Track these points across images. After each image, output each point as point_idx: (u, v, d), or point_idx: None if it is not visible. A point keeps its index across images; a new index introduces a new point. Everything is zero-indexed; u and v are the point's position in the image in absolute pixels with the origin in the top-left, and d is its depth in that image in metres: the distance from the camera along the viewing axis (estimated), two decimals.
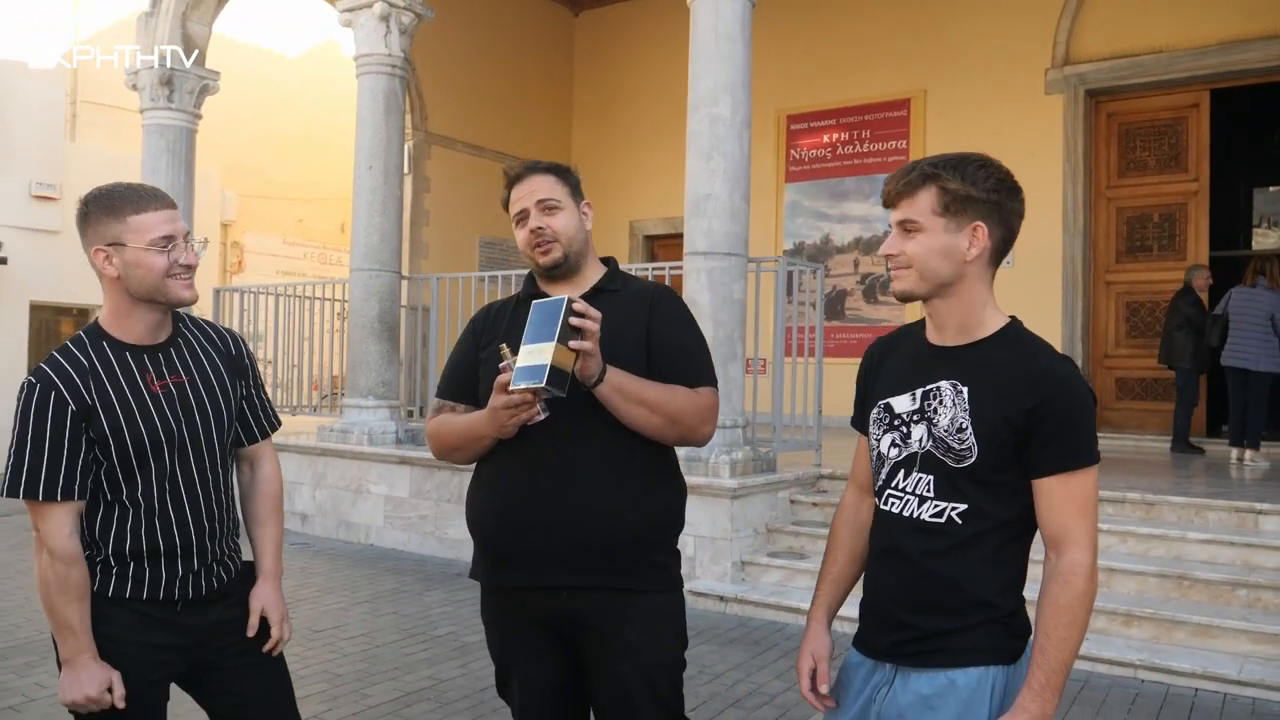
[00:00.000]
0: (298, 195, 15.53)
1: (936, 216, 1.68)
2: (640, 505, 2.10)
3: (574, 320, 1.90)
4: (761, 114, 11.29)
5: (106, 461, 2.02)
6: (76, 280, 12.67)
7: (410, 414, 9.03)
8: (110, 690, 1.98)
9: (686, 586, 5.99)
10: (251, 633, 2.19)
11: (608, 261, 2.34)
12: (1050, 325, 9.91)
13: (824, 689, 1.86)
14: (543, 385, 1.86)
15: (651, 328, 2.15)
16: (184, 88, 9.56)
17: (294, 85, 15.24)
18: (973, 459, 1.66)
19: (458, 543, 7.17)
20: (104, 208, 2.03)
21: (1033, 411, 1.62)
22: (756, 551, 6.12)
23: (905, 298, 1.76)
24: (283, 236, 15.60)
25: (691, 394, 2.12)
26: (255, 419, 2.31)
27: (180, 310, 2.21)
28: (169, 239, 2.03)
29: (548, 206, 2.19)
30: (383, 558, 7.26)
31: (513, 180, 2.25)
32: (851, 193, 11.47)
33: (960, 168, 1.68)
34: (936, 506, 1.71)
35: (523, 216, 2.21)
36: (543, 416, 1.99)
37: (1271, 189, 13.38)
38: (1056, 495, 1.63)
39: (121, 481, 2.04)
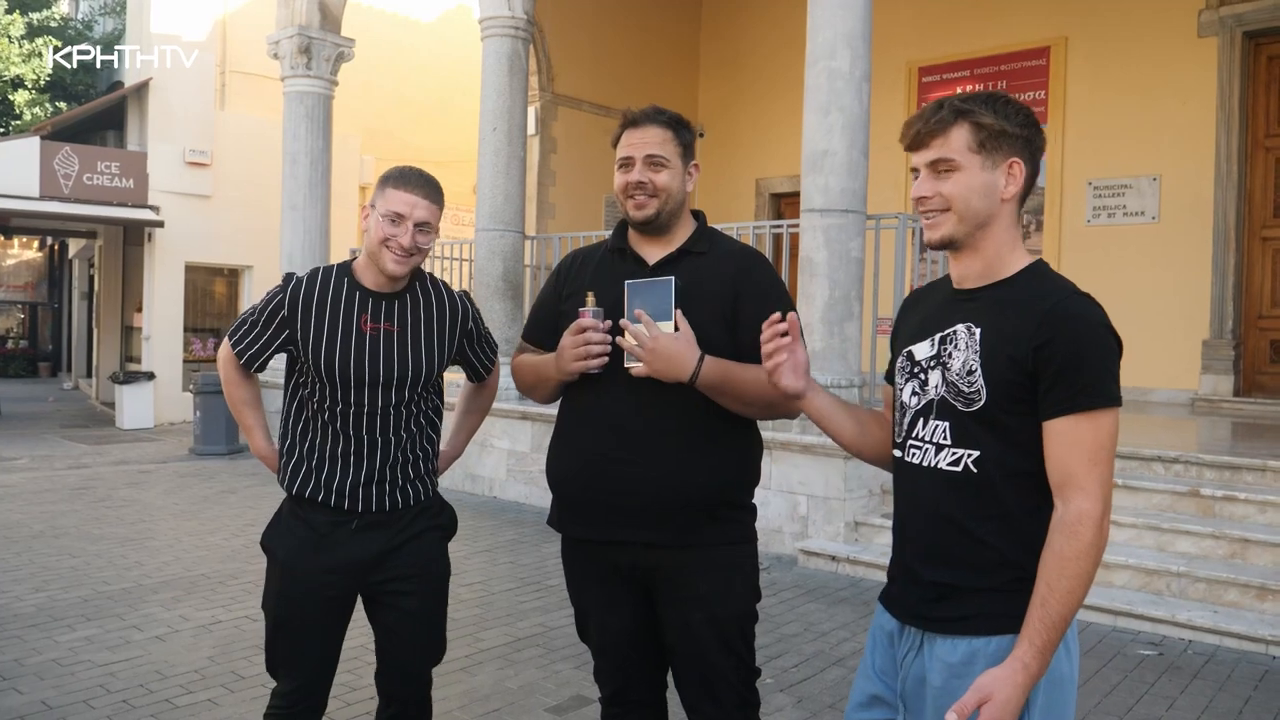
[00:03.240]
0: (433, 158, 15.92)
1: (973, 154, 1.63)
2: (712, 464, 2.12)
3: (623, 343, 2.05)
4: (891, 67, 11.00)
5: (314, 374, 2.34)
6: (227, 242, 13.46)
7: None
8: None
9: (799, 545, 6.03)
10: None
11: (697, 216, 2.29)
12: (1198, 284, 9.37)
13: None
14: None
15: (740, 298, 2.12)
16: (321, 55, 9.93)
17: (429, 49, 15.64)
18: (982, 401, 1.60)
19: None
20: (384, 178, 2.37)
21: (1039, 350, 1.55)
22: (870, 512, 6.06)
23: (945, 244, 1.68)
24: None
25: None
26: (473, 367, 2.64)
27: (423, 270, 2.51)
28: (399, 216, 2.29)
29: (654, 163, 2.15)
30: (504, 510, 7.51)
31: (629, 123, 2.20)
32: None
33: (991, 103, 1.64)
34: (953, 454, 1.64)
35: (627, 163, 2.18)
36: (597, 370, 2.11)
37: None
38: (1064, 439, 1.54)
39: (319, 394, 2.35)
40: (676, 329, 2.03)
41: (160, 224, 12.96)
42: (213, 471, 9.23)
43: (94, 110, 14.35)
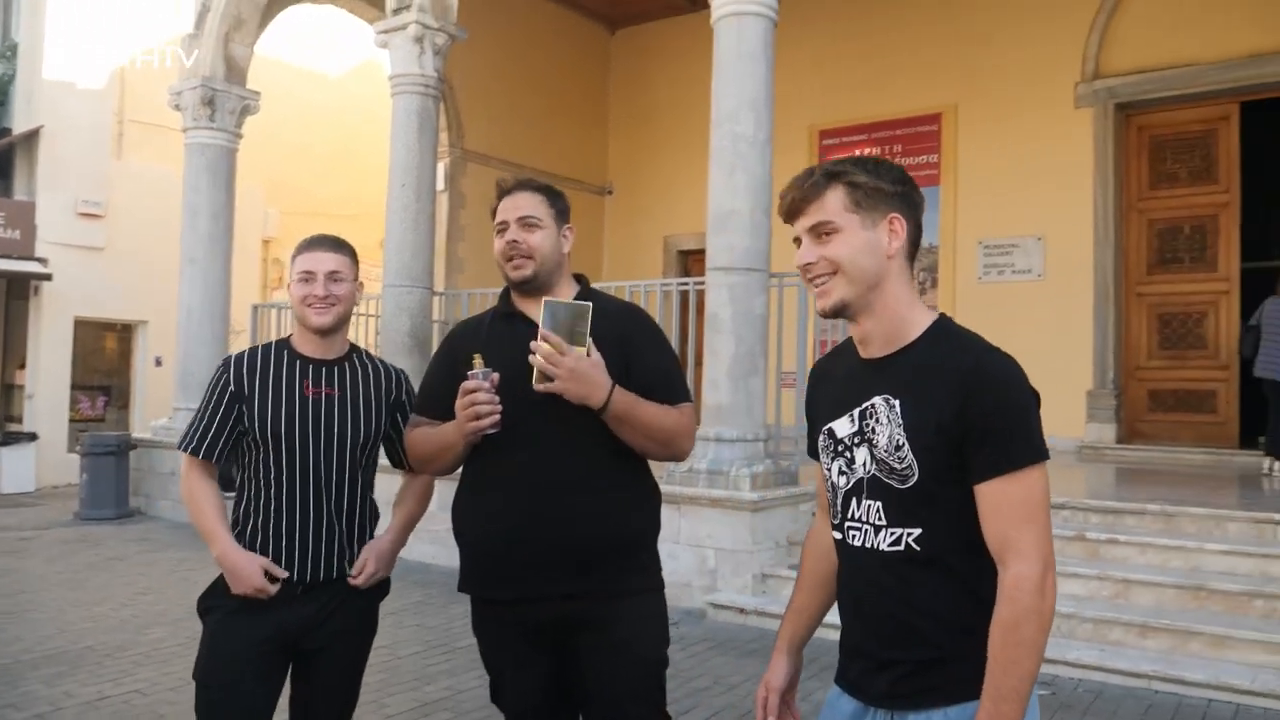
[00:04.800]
0: (339, 212, 15.76)
1: (850, 213, 1.59)
2: (625, 512, 2.19)
3: (536, 361, 2.05)
4: (793, 130, 11.37)
5: (260, 444, 2.41)
6: (120, 297, 13.02)
7: None
8: (269, 575, 2.36)
9: (707, 599, 6.09)
10: (355, 572, 2.46)
11: (580, 279, 2.40)
12: (1081, 337, 9.87)
13: (772, 719, 1.80)
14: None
15: (630, 350, 2.21)
16: (225, 108, 9.82)
17: (336, 104, 15.53)
18: (915, 477, 1.54)
19: None
20: (294, 253, 2.50)
21: (962, 412, 1.50)
22: (777, 564, 6.16)
23: (839, 310, 1.62)
24: None
25: (679, 415, 2.20)
26: (395, 449, 2.60)
27: (358, 345, 2.63)
28: (309, 274, 2.43)
29: (528, 224, 2.26)
30: (410, 571, 7.37)
31: (503, 193, 2.35)
32: None
33: (863, 164, 1.62)
34: (892, 534, 1.58)
35: (503, 228, 2.29)
36: (493, 430, 2.14)
37: None
38: (995, 501, 1.49)
39: (266, 463, 2.41)
40: (588, 355, 2.07)
41: (48, 277, 12.47)
42: (100, 538, 8.84)
43: None
